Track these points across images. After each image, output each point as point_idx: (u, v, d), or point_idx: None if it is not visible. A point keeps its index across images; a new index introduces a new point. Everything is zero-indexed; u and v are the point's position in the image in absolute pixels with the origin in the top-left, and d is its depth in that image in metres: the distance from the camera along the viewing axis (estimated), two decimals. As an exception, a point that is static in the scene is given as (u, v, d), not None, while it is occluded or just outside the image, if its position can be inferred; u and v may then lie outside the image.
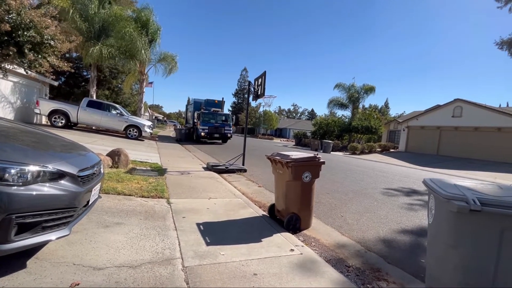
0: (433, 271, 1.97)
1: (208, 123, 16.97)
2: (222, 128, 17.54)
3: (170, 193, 4.41)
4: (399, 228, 3.91)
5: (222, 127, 17.59)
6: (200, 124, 16.66)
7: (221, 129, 17.46)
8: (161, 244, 2.52)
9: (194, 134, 18.04)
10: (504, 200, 1.62)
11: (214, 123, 17.35)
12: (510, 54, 10.44)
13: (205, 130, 16.65)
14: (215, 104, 18.31)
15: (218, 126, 17.42)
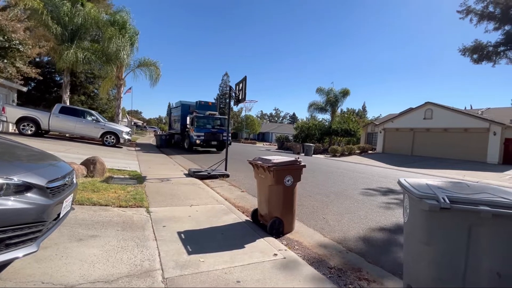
0: (409, 268, 2.05)
1: (203, 129, 14.78)
2: (220, 134, 15.24)
3: (149, 201, 4.27)
4: (378, 227, 4.04)
5: (220, 133, 15.25)
6: (195, 130, 14.40)
7: (218, 135, 15.18)
8: (140, 255, 2.42)
9: (185, 141, 16.16)
10: (471, 197, 1.72)
11: (211, 128, 15.08)
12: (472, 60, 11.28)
13: (200, 137, 14.46)
14: (209, 107, 16.27)
15: (216, 132, 15.12)
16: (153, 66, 18.36)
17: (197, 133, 14.49)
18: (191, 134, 14.69)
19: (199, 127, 14.79)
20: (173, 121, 19.45)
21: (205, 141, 14.72)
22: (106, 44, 14.92)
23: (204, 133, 14.65)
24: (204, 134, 14.64)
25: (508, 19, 10.09)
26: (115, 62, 16.06)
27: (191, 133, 14.67)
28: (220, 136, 15.20)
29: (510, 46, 10.58)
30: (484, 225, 1.63)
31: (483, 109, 27.45)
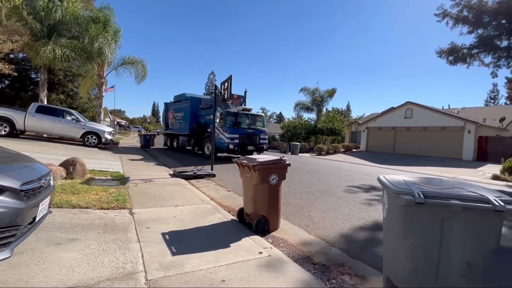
0: (388, 261, 2.13)
1: (238, 129, 11.38)
2: (257, 137, 11.95)
3: (133, 203, 4.17)
4: (360, 223, 4.16)
5: (257, 134, 11.95)
6: (227, 131, 11.10)
7: (255, 137, 11.84)
8: (122, 258, 2.37)
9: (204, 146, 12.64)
10: (444, 192, 1.82)
11: (247, 128, 11.73)
12: (448, 62, 11.84)
13: (234, 140, 11.13)
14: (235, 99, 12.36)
15: (252, 134, 11.73)
16: (139, 65, 17.85)
17: (230, 135, 11.03)
18: (221, 136, 11.25)
19: (233, 127, 11.29)
20: (174, 120, 15.81)
21: (240, 145, 11.27)
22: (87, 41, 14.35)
23: (239, 135, 11.21)
24: (239, 137, 11.20)
25: (481, 23, 10.66)
26: (96, 60, 15.50)
27: (222, 135, 11.23)
28: (257, 139, 11.87)
29: (483, 49, 11.21)
30: (455, 218, 1.73)
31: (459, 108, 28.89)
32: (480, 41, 11.05)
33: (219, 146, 11.30)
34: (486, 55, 11.39)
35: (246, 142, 11.55)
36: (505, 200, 1.67)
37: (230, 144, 11.06)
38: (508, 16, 10.03)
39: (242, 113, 12.00)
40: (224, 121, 11.30)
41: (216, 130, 10.91)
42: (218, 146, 11.21)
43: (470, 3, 11.00)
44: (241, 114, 11.95)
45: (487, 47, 11.11)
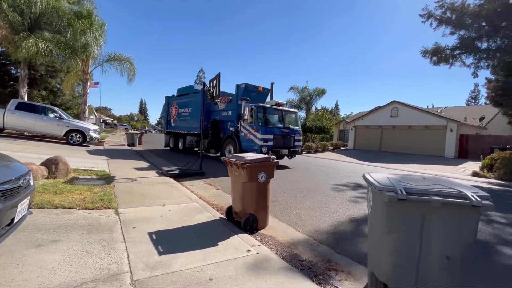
0: (372, 256, 2.19)
1: (272, 129, 9.61)
2: (292, 138, 10.22)
3: (119, 202, 4.09)
4: (347, 220, 4.25)
5: (292, 135, 10.24)
6: (260, 131, 9.23)
7: (290, 138, 10.14)
8: (107, 259, 2.32)
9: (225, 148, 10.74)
10: (425, 189, 1.88)
11: (282, 128, 9.96)
12: (432, 62, 12.20)
13: (268, 142, 9.32)
14: (260, 94, 10.93)
15: (287, 134, 10.01)
16: (127, 62, 17.32)
17: (263, 135, 9.14)
18: (251, 137, 9.42)
19: (267, 126, 9.47)
20: (179, 116, 13.73)
21: (275, 148, 9.48)
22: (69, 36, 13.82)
23: (273, 136, 9.39)
24: (273, 138, 9.38)
25: (463, 25, 11.04)
26: (80, 55, 14.98)
27: (252, 136, 9.38)
28: (291, 141, 10.14)
29: (464, 50, 11.61)
30: (435, 214, 1.79)
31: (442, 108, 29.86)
32: (462, 42, 11.44)
33: (246, 149, 9.62)
34: (468, 56, 11.82)
35: (280, 145, 9.67)
36: (481, 196, 1.74)
37: (263, 147, 9.06)
38: (488, 19, 10.42)
39: (276, 108, 10.14)
40: (255, 118, 9.30)
41: (242, 129, 9.85)
42: (245, 149, 9.68)
43: (453, 5, 11.34)
44: (276, 110, 10.16)
45: (469, 49, 11.52)
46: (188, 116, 12.91)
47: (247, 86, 10.41)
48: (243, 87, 10.33)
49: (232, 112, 10.68)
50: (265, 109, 9.83)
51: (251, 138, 9.48)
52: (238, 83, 10.56)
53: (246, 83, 10.39)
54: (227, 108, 10.82)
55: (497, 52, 11.05)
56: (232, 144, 10.30)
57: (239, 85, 10.49)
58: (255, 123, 9.39)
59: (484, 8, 10.51)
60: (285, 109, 10.60)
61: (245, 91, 10.32)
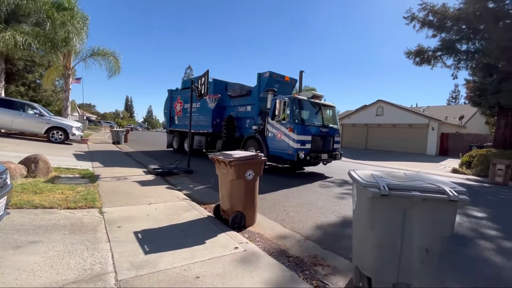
0: (357, 250, 2.25)
1: (310, 129, 7.62)
2: (332, 139, 8.39)
3: (103, 201, 3.98)
4: (333, 216, 4.33)
5: (332, 135, 8.41)
6: (296, 131, 7.35)
7: (330, 140, 8.32)
8: (90, 259, 2.26)
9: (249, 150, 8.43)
10: (406, 184, 1.95)
11: (321, 127, 8.03)
12: (415, 63, 12.61)
13: (306, 145, 7.42)
14: (285, 85, 9.16)
15: (326, 134, 8.16)
16: (111, 57, 16.76)
17: (300, 136, 7.26)
18: (284, 138, 7.51)
19: (304, 124, 7.53)
20: (185, 113, 11.96)
21: (313, 152, 7.56)
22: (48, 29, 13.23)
23: (312, 137, 7.52)
24: (312, 139, 7.51)
25: (444, 27, 11.46)
26: (62, 49, 14.38)
27: (285, 137, 7.49)
28: (331, 143, 8.30)
29: (445, 52, 12.06)
30: (416, 208, 1.86)
31: (425, 107, 30.92)
32: (443, 44, 11.88)
33: (276, 153, 7.76)
34: (448, 57, 12.30)
35: (319, 148, 7.81)
36: (458, 191, 1.83)
37: (300, 151, 7.17)
38: (467, 22, 10.86)
39: (313, 102, 8.19)
40: (290, 115, 7.39)
41: (270, 128, 7.96)
42: (274, 154, 7.82)
43: (435, 8, 11.75)
44: (311, 104, 8.20)
45: (449, 50, 11.98)
46: (195, 112, 10.84)
47: (272, 75, 8.55)
48: (267, 76, 8.50)
49: (252, 107, 8.97)
50: (301, 102, 7.83)
51: (284, 139, 7.51)
52: (260, 72, 8.73)
53: (271, 71, 8.44)
54: (245, 102, 9.28)
55: (476, 54, 11.55)
56: (255, 147, 8.34)
57: (262, 73, 8.66)
58: (289, 121, 7.42)
59: (464, 12, 10.94)
60: (323, 103, 8.52)
61: (269, 81, 8.50)
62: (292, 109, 7.52)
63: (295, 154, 7.22)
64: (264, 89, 8.48)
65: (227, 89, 10.11)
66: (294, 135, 7.32)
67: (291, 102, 7.58)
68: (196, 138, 11.04)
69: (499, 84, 10.56)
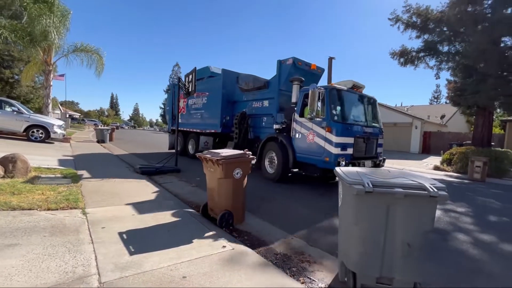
0: (342, 246, 2.30)
1: (352, 129, 5.98)
2: (375, 141, 6.75)
3: (86, 202, 3.86)
4: (320, 213, 4.40)
5: (376, 136, 6.76)
6: (336, 131, 5.64)
7: (373, 142, 6.66)
8: (72, 261, 2.19)
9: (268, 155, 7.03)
10: (389, 181, 2.00)
11: (364, 126, 6.41)
12: (400, 63, 12.97)
13: (347, 150, 5.80)
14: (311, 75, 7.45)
15: (369, 135, 6.46)
16: (95, 54, 16.18)
17: (341, 138, 5.68)
18: (318, 141, 5.87)
19: (345, 122, 5.91)
20: (189, 109, 10.69)
21: (356, 159, 5.99)
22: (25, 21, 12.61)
23: (354, 139, 5.96)
24: (354, 142, 5.95)
25: (427, 29, 11.83)
26: (41, 44, 13.77)
27: (320, 139, 5.84)
28: (374, 146, 6.67)
29: (428, 53, 12.47)
30: (398, 204, 1.92)
31: (408, 106, 31.86)
32: (426, 45, 12.27)
33: (305, 160, 6.17)
34: (431, 58, 12.71)
35: (361, 153, 6.13)
36: (438, 187, 1.90)
37: (340, 158, 5.56)
38: (448, 24, 11.25)
39: (353, 93, 6.54)
40: (327, 110, 5.70)
41: (297, 127, 6.32)
42: (303, 161, 6.25)
43: (418, 10, 12.09)
44: (352, 96, 6.53)
45: (432, 51, 12.38)
46: (202, 109, 9.76)
47: (296, 62, 6.96)
48: (290, 64, 6.92)
49: (271, 102, 7.39)
50: (341, 94, 6.10)
51: (317, 142, 5.84)
52: (280, 59, 7.19)
53: (295, 57, 6.94)
54: (261, 97, 7.67)
55: (456, 55, 12.00)
56: (277, 151, 6.64)
57: (283, 61, 7.12)
58: (326, 118, 5.69)
59: (446, 15, 11.33)
60: (366, 95, 6.85)
61: (292, 70, 6.95)
62: (330, 102, 5.77)
63: (334, 161, 5.47)
64: (286, 79, 6.99)
65: (239, 81, 8.45)
66: (333, 136, 5.57)
67: (328, 93, 5.83)
68: (202, 138, 9.65)
69: (477, 85, 11.02)
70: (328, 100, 5.80)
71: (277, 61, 7.20)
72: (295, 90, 6.66)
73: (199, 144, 9.77)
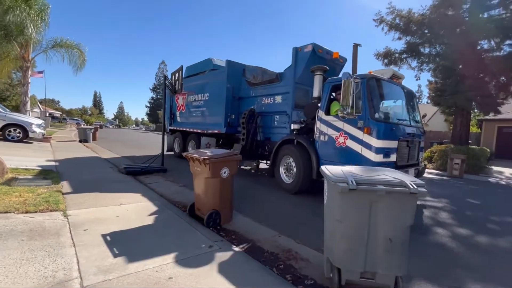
0: (328, 243, 2.34)
1: (397, 130, 4.74)
2: (418, 144, 5.40)
3: (68, 203, 3.73)
4: (307, 211, 4.46)
5: (419, 139, 5.43)
6: (377, 133, 4.37)
7: (416, 146, 5.28)
8: (52, 266, 2.11)
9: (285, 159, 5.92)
10: (372, 179, 2.06)
11: (408, 126, 5.13)
12: (384, 64, 13.36)
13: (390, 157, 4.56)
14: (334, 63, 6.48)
15: (413, 138, 5.08)
16: (75, 49, 15.55)
17: (384, 142, 4.43)
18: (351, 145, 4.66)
19: (388, 122, 4.69)
20: (189, 107, 9.60)
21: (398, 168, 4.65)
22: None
23: (398, 142, 4.68)
24: (398, 145, 4.67)
25: (409, 31, 12.24)
26: (17, 38, 13.11)
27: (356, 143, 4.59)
28: (416, 151, 5.40)
29: (410, 54, 12.91)
30: (381, 201, 1.98)
31: (393, 106, 32.72)
32: (408, 47, 12.68)
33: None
34: (413, 59, 13.17)
35: (405, 160, 4.96)
36: (418, 184, 1.97)
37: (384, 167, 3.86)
38: (429, 27, 11.68)
39: (395, 85, 5.42)
40: (365, 106, 4.56)
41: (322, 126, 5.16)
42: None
43: (401, 12, 12.48)
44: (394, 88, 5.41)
45: (413, 53, 12.82)
46: (203, 106, 8.74)
47: (316, 50, 5.79)
48: (310, 51, 5.74)
49: (284, 97, 6.32)
50: (381, 85, 4.98)
51: (350, 146, 4.65)
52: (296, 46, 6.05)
53: (315, 43, 5.83)
54: (273, 91, 6.63)
55: (437, 57, 12.48)
56: (296, 157, 5.54)
57: (300, 48, 5.95)
58: (363, 116, 4.50)
59: (427, 17, 11.75)
60: (405, 87, 5.66)
61: (312, 59, 5.77)
62: (369, 96, 4.55)
63: None
64: (303, 70, 5.85)
65: (245, 74, 7.50)
66: (373, 139, 4.37)
67: (366, 84, 4.60)
68: (203, 140, 8.53)
69: (456, 86, 11.52)
70: (366, 92, 4.56)
71: (293, 48, 6.02)
72: (318, 82, 5.45)
73: (200, 145, 8.89)
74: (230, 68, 7.48)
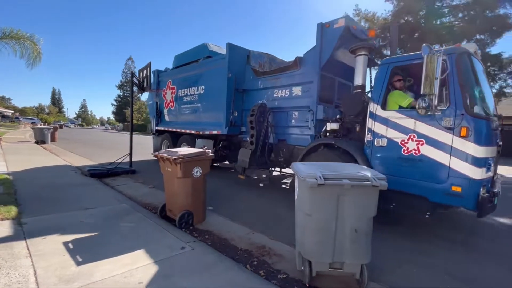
0: (299, 237, 2.42)
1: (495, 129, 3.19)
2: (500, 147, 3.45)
3: (23, 210, 3.42)
4: (281, 207, 4.54)
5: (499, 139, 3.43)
6: (478, 138, 2.83)
7: (499, 148, 3.42)
8: (4, 279, 1.93)
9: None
10: (339, 174, 2.17)
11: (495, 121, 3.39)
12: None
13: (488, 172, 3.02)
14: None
15: (498, 138, 3.38)
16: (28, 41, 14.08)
17: (486, 149, 2.91)
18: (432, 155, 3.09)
19: (489, 119, 3.08)
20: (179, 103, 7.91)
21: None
22: None
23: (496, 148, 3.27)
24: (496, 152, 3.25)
25: (373, 34, 13.06)
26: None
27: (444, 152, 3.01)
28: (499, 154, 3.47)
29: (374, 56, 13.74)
30: (347, 195, 2.09)
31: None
32: (373, 49, 13.49)
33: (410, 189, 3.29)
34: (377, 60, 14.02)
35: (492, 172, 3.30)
36: (379, 177, 2.12)
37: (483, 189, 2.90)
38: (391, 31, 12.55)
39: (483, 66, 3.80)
40: (456, 95, 3.02)
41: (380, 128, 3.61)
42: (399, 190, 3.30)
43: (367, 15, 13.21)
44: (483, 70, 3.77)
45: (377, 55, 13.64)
46: (197, 102, 7.14)
47: (351, 26, 4.52)
48: (342, 27, 4.41)
49: (306, 89, 4.95)
50: (474, 66, 3.34)
51: (428, 154, 3.17)
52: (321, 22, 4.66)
53: (348, 16, 5.12)
54: (288, 81, 5.28)
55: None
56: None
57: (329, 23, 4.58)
58: (454, 108, 3.02)
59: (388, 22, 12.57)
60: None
61: (343, 38, 4.49)
62: (462, 79, 3.08)
63: (474, 193, 2.92)
64: (332, 52, 4.54)
65: (250, 61, 6.17)
66: (472, 145, 2.92)
67: (455, 61, 3.16)
68: (199, 142, 7.04)
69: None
70: (458, 74, 3.09)
71: (318, 25, 4.66)
72: (362, 65, 4.15)
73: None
74: (232, 53, 5.96)
